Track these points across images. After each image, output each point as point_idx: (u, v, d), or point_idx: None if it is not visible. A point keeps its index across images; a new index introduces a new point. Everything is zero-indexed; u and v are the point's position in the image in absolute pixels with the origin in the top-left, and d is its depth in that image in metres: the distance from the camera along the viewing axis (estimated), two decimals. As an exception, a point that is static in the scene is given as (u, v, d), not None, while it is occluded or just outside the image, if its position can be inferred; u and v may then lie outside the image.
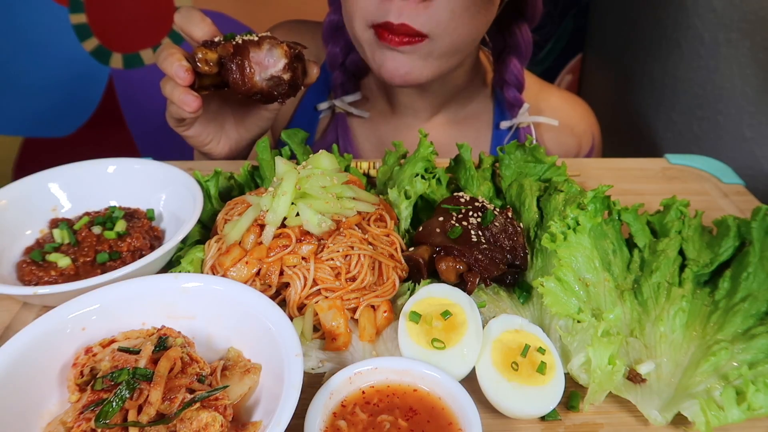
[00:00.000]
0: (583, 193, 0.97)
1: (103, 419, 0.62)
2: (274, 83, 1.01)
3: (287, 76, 1.01)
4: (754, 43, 1.58)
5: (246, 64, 0.99)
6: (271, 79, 1.00)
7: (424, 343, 0.78)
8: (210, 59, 0.98)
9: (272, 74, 1.00)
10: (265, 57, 1.00)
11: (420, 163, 1.07)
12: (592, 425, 0.76)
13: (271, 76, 1.00)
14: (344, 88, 1.40)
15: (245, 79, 0.99)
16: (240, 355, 0.77)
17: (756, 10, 1.57)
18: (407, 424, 0.70)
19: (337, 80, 1.39)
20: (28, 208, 1.01)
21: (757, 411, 0.70)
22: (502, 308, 0.89)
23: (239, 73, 0.99)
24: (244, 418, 0.71)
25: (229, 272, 0.85)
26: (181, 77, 0.99)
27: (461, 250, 0.89)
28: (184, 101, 1.00)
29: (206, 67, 0.99)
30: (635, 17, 2.17)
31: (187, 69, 0.99)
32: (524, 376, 0.75)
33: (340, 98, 1.40)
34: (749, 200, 1.22)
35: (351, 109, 1.40)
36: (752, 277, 0.88)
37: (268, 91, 1.02)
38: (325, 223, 0.87)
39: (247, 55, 0.99)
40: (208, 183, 1.05)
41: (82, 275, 0.92)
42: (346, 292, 0.85)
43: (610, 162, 1.34)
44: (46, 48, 2.12)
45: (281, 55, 1.00)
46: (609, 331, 0.76)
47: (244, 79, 0.99)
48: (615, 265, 0.92)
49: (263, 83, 1.00)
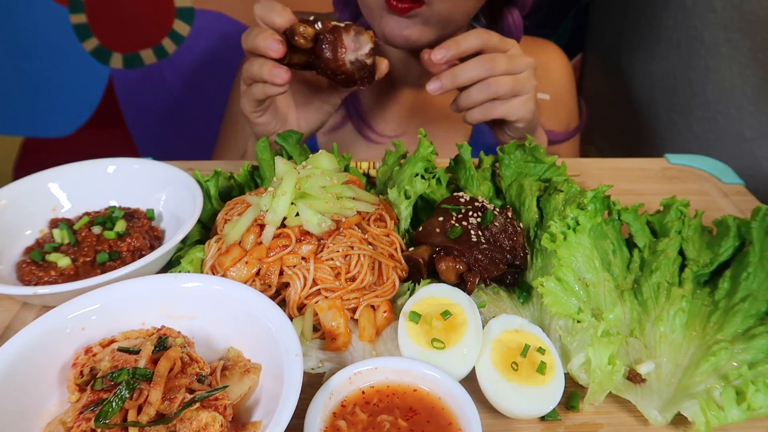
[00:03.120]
0: (583, 193, 0.97)
1: (102, 419, 0.62)
2: (358, 67, 1.06)
3: (370, 61, 1.07)
4: (754, 43, 1.58)
5: (339, 43, 1.04)
6: (356, 63, 1.06)
7: (424, 343, 0.78)
8: (307, 34, 1.03)
9: (358, 57, 1.06)
10: (353, 41, 1.05)
11: (420, 163, 1.07)
12: (592, 425, 0.76)
13: (356, 59, 1.06)
14: None
15: (337, 57, 1.04)
16: (240, 355, 0.77)
17: (756, 10, 1.57)
18: (407, 424, 0.70)
19: None
20: (28, 208, 1.01)
21: (757, 411, 0.70)
22: (502, 308, 0.89)
23: (332, 49, 1.04)
24: (244, 418, 0.71)
25: (229, 272, 0.85)
26: (274, 49, 1.03)
27: (461, 250, 0.88)
28: (275, 74, 1.04)
29: (302, 41, 1.04)
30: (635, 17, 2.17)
31: (281, 41, 1.04)
32: (524, 376, 0.75)
33: None
34: (749, 200, 1.22)
35: None
36: (752, 277, 0.88)
37: (352, 73, 1.07)
38: (325, 223, 0.87)
39: (341, 34, 1.04)
40: (208, 183, 1.05)
41: (82, 275, 0.92)
42: (346, 292, 0.85)
43: (610, 162, 1.34)
44: (46, 48, 2.12)
45: (367, 41, 1.06)
46: (609, 331, 0.76)
47: (336, 56, 1.04)
48: (615, 265, 0.92)
49: (349, 65, 1.06)
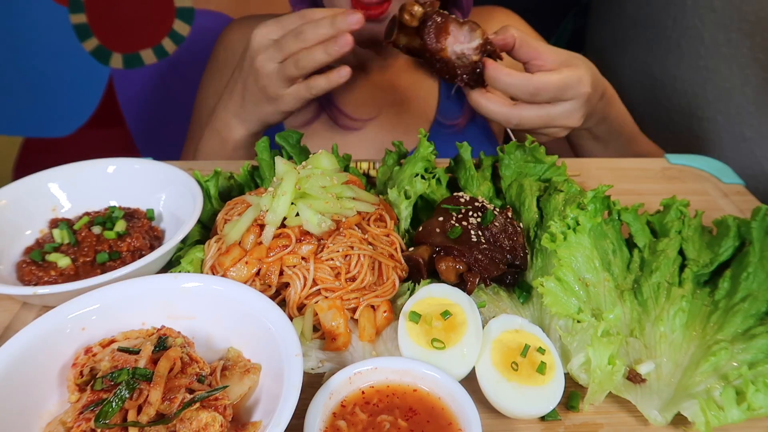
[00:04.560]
0: (583, 193, 0.97)
1: (102, 419, 0.62)
2: (461, 61, 1.04)
3: (476, 57, 1.04)
4: (754, 43, 1.58)
5: (445, 28, 1.03)
6: (461, 56, 1.04)
7: (424, 343, 0.78)
8: (416, 12, 1.03)
9: (463, 50, 1.04)
10: (463, 34, 1.04)
11: (420, 163, 1.07)
12: (592, 425, 0.76)
13: (462, 51, 1.04)
14: None
15: (438, 40, 1.03)
16: (240, 355, 0.77)
17: (756, 10, 1.57)
18: (407, 424, 0.70)
19: None
20: (28, 208, 1.01)
21: (757, 411, 0.70)
22: (502, 308, 0.89)
23: (435, 33, 1.03)
24: (244, 418, 0.71)
25: (229, 272, 0.85)
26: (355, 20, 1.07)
27: (461, 250, 0.88)
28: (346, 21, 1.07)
29: (408, 17, 1.03)
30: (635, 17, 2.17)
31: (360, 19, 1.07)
32: (524, 376, 0.75)
33: None
34: (749, 200, 1.22)
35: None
36: (752, 277, 0.88)
37: (452, 64, 1.05)
38: (325, 223, 0.87)
39: (449, 22, 1.03)
40: (208, 183, 1.05)
41: (82, 275, 0.92)
42: (346, 292, 0.85)
43: (610, 162, 1.34)
44: (46, 48, 2.12)
45: (478, 36, 1.04)
46: (609, 331, 0.76)
47: (438, 39, 1.03)
48: (615, 265, 0.92)
49: (452, 54, 1.04)
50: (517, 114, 1.08)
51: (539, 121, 1.10)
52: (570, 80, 1.08)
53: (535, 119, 1.09)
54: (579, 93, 1.09)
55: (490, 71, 1.05)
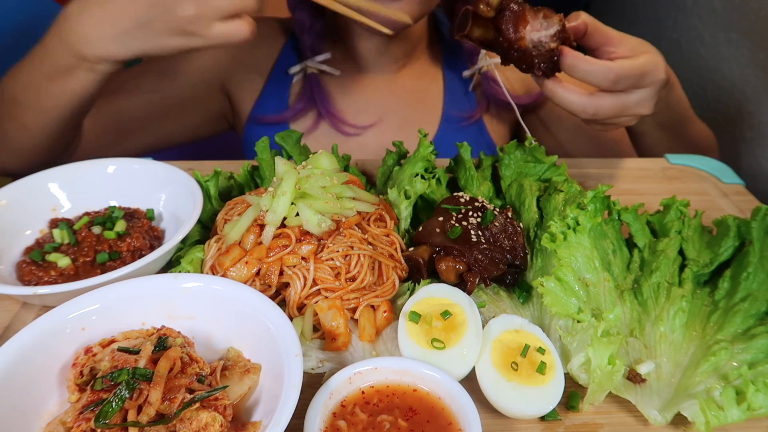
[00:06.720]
0: (583, 193, 0.97)
1: (102, 419, 0.62)
2: (538, 50, 0.99)
3: (554, 44, 0.98)
4: (754, 43, 1.58)
5: (522, 17, 0.98)
6: (538, 45, 0.99)
7: (423, 343, 0.78)
8: (492, 2, 0.98)
9: (541, 38, 0.98)
10: (539, 21, 0.99)
11: (420, 163, 1.07)
12: (592, 425, 0.76)
13: (539, 39, 0.98)
14: (314, 50, 1.49)
15: (516, 29, 0.98)
16: (240, 355, 0.77)
17: (756, 10, 1.57)
18: (407, 424, 0.70)
19: (307, 43, 1.48)
20: (28, 208, 1.01)
21: (757, 411, 0.70)
22: (502, 308, 0.89)
23: (512, 22, 0.98)
24: (244, 418, 0.71)
25: (229, 272, 0.85)
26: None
27: (461, 250, 0.89)
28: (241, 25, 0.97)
29: (485, 8, 0.98)
30: (635, 17, 2.17)
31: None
32: (524, 376, 0.75)
33: (311, 59, 1.50)
34: (749, 200, 1.22)
35: (323, 67, 1.49)
36: (752, 277, 0.88)
37: (530, 53, 1.00)
38: (325, 223, 0.87)
39: (526, 10, 0.98)
40: (208, 183, 1.05)
41: (82, 275, 0.92)
42: (346, 292, 0.85)
43: (610, 162, 1.34)
44: (46, 48, 2.12)
45: (556, 23, 0.98)
46: (609, 331, 0.76)
47: (516, 28, 0.98)
48: (615, 265, 0.92)
49: (530, 43, 0.99)
50: (595, 103, 1.02)
51: (615, 111, 1.04)
52: (648, 66, 1.02)
53: (611, 109, 1.04)
54: (656, 79, 1.04)
55: (568, 59, 0.99)
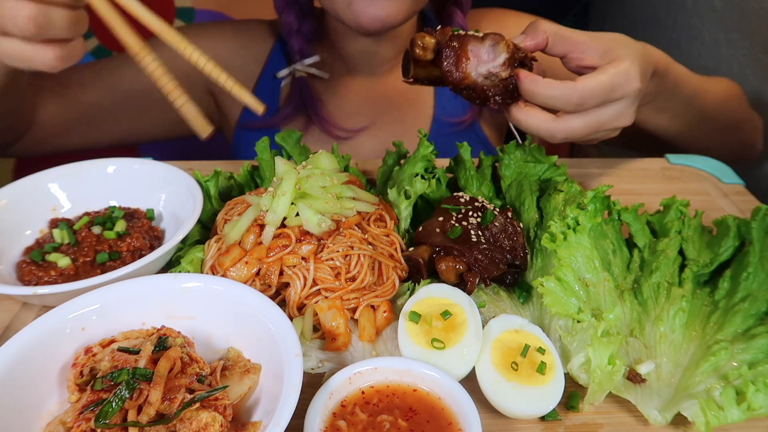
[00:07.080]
0: (583, 193, 0.97)
1: (102, 419, 0.62)
2: (491, 82, 0.93)
3: (505, 74, 0.92)
4: (754, 43, 1.58)
5: (462, 53, 0.92)
6: (489, 77, 0.93)
7: (423, 343, 0.78)
8: (427, 44, 0.93)
9: (489, 70, 0.93)
10: (486, 51, 0.93)
11: (420, 163, 1.07)
12: (592, 425, 0.76)
13: (488, 72, 0.93)
14: (302, 53, 1.48)
15: (458, 68, 0.92)
16: (240, 355, 0.77)
17: (756, 10, 1.57)
18: (407, 424, 0.70)
19: (295, 46, 1.47)
20: (28, 208, 1.01)
21: (757, 411, 0.70)
22: (502, 308, 0.89)
23: (453, 60, 0.93)
24: (243, 418, 0.71)
25: (229, 272, 0.85)
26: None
27: (461, 250, 0.89)
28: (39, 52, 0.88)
29: (421, 52, 0.93)
30: (635, 17, 2.17)
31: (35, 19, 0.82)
32: (524, 376, 0.75)
33: (300, 62, 1.48)
34: (749, 200, 1.22)
35: (312, 70, 1.48)
36: (752, 277, 0.88)
37: (481, 87, 0.94)
38: (325, 223, 0.87)
39: (466, 44, 0.93)
40: (208, 183, 1.05)
41: (81, 275, 0.92)
42: (346, 292, 0.85)
43: (610, 162, 1.34)
44: (45, 48, 2.12)
45: (503, 50, 0.92)
46: (609, 331, 0.76)
47: (457, 67, 0.92)
48: (615, 265, 0.92)
49: (478, 77, 0.93)
50: (564, 127, 0.95)
51: (589, 130, 0.97)
52: (617, 79, 0.93)
53: (584, 129, 0.96)
54: (628, 91, 0.95)
55: (525, 85, 0.92)
